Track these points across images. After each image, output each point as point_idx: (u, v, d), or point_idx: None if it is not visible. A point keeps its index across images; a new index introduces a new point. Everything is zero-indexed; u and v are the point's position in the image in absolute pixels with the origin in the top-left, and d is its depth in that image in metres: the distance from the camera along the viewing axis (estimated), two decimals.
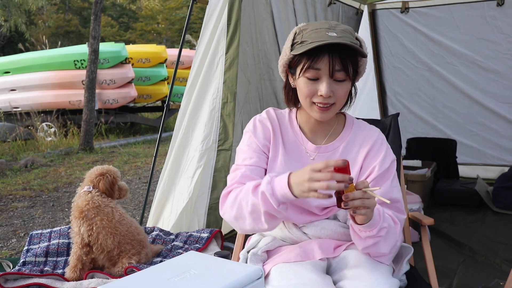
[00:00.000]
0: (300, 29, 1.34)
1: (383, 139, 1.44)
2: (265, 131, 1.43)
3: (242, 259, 1.45)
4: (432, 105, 4.55)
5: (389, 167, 1.38)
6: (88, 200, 1.88)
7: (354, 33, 1.33)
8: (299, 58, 1.31)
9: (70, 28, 21.04)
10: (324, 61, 1.26)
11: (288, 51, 1.35)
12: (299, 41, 1.31)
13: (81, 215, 1.86)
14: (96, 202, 1.89)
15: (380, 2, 4.39)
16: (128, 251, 1.89)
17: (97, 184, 1.93)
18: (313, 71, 1.28)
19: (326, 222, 1.41)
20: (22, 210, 4.16)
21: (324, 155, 1.41)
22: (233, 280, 0.90)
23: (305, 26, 1.34)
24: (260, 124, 1.44)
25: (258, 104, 3.02)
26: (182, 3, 20.96)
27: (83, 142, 7.26)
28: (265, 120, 1.45)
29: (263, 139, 1.42)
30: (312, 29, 1.30)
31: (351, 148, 1.41)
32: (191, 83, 2.62)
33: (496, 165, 4.38)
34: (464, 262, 2.75)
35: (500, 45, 4.12)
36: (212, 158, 2.54)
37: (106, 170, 1.98)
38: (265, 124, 1.44)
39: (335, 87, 1.29)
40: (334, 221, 1.41)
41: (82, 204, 1.88)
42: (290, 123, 1.47)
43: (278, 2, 3.12)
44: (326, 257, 1.36)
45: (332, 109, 1.33)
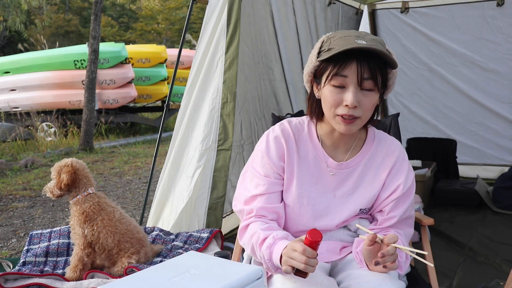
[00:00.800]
0: (328, 37, 1.28)
1: (404, 154, 1.40)
2: (279, 150, 1.36)
3: (246, 259, 1.46)
4: (432, 105, 4.55)
5: (411, 185, 1.36)
6: (93, 203, 1.89)
7: (384, 44, 1.27)
8: (326, 65, 1.25)
9: (70, 28, 21.04)
10: (352, 68, 1.20)
11: (314, 58, 1.28)
12: (326, 48, 1.25)
13: (87, 218, 1.87)
14: (101, 204, 1.91)
15: (380, 2, 4.39)
16: (127, 250, 1.90)
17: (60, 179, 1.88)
18: (340, 78, 1.22)
19: (335, 232, 1.40)
20: (22, 210, 4.16)
21: (345, 171, 1.36)
22: (233, 280, 0.90)
23: (333, 34, 1.28)
24: (274, 143, 1.36)
25: (257, 104, 3.02)
26: (182, 3, 20.96)
27: (83, 142, 7.26)
28: (279, 137, 1.36)
29: (277, 160, 1.35)
30: (341, 36, 1.24)
31: (372, 164, 1.37)
32: (191, 83, 2.62)
33: (496, 165, 4.38)
34: (464, 262, 2.75)
35: (500, 45, 4.12)
36: (212, 158, 2.54)
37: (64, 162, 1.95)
38: (279, 141, 1.36)
39: (362, 98, 1.23)
40: (343, 230, 1.41)
41: (88, 209, 1.88)
42: (310, 136, 1.39)
43: (278, 2, 3.12)
44: (331, 260, 1.36)
45: (357, 122, 1.26)
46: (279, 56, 3.24)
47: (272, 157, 1.35)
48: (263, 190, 1.34)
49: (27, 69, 9.06)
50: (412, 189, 1.36)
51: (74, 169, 1.90)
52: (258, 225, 1.31)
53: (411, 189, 1.36)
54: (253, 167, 1.38)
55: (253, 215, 1.34)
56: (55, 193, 1.90)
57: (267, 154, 1.35)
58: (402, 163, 1.37)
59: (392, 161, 1.37)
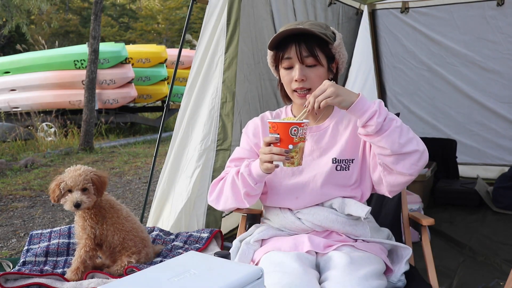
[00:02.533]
0: (278, 31, 1.50)
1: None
2: (255, 128, 1.62)
3: (234, 247, 1.51)
4: (432, 105, 4.55)
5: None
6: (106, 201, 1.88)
7: (325, 26, 1.49)
8: (276, 53, 1.51)
9: (70, 28, 21.04)
10: (293, 50, 1.44)
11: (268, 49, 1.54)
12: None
13: (99, 218, 1.85)
14: (111, 202, 1.90)
15: (380, 2, 4.39)
16: (129, 248, 1.89)
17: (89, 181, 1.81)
18: (286, 60, 1.47)
19: (320, 209, 1.47)
20: (22, 210, 4.16)
21: (315, 134, 1.53)
22: (233, 280, 0.90)
23: (283, 27, 1.50)
24: (251, 124, 1.65)
25: (257, 104, 3.02)
26: (182, 3, 20.95)
27: (83, 142, 7.26)
28: (257, 119, 1.65)
29: (252, 136, 1.61)
30: (285, 27, 1.47)
31: (339, 125, 1.54)
32: (191, 83, 2.62)
33: (496, 165, 4.38)
34: (464, 262, 2.75)
35: (500, 45, 4.12)
36: (211, 158, 2.54)
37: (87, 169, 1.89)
38: (255, 122, 1.64)
39: (307, 72, 1.46)
40: (328, 209, 1.47)
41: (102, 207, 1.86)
42: (286, 115, 1.63)
43: (278, 2, 3.12)
44: (314, 250, 1.40)
45: (309, 94, 1.43)
46: None
47: (248, 133, 1.63)
48: (238, 156, 1.60)
49: (27, 69, 9.06)
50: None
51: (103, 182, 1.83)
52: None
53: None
54: (237, 147, 1.65)
55: (228, 171, 1.56)
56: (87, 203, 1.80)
57: (245, 132, 1.64)
58: None
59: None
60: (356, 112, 1.32)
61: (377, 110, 1.31)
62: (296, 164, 1.31)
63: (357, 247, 1.42)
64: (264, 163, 1.33)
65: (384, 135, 1.31)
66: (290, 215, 1.49)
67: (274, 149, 1.29)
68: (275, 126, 1.30)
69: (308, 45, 1.43)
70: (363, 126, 1.33)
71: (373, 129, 1.31)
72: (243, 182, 1.42)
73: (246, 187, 1.43)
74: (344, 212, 1.45)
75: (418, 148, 1.35)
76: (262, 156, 1.33)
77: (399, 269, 1.43)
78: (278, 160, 1.30)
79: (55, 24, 12.88)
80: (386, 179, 1.41)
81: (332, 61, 1.51)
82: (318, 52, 1.44)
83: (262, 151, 1.33)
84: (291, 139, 1.29)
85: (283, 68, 1.49)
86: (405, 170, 1.35)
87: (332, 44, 1.47)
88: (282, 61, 1.48)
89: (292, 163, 1.30)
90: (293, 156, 1.29)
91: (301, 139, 1.30)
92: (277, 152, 1.29)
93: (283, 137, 1.29)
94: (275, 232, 1.51)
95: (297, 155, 1.30)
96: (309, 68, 1.45)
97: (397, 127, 1.33)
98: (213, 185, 1.58)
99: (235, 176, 1.47)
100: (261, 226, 1.56)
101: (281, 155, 1.28)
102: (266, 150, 1.31)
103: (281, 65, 1.50)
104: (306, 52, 1.43)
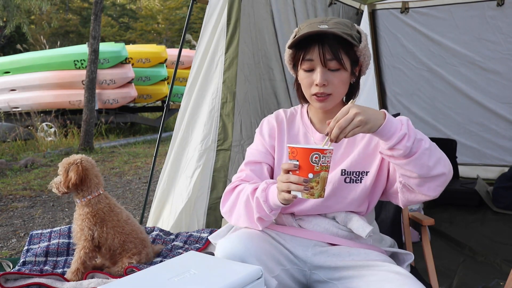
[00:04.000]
0: (299, 27, 1.40)
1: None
2: (270, 129, 1.51)
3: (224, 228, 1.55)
4: (432, 105, 4.55)
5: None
6: (105, 204, 1.87)
7: (351, 25, 1.37)
8: (296, 53, 1.40)
9: (70, 28, 21.04)
10: (315, 52, 1.32)
11: (287, 47, 1.42)
12: (295, 36, 1.38)
13: (98, 220, 1.84)
14: (110, 204, 1.88)
15: (380, 2, 4.39)
16: (130, 250, 1.89)
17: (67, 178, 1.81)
18: (307, 62, 1.35)
19: (322, 220, 1.42)
20: (22, 210, 4.16)
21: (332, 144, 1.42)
22: (233, 280, 0.90)
23: (303, 23, 1.40)
24: (266, 124, 1.53)
25: (257, 104, 3.02)
26: (182, 3, 20.96)
27: (83, 142, 7.26)
28: (272, 119, 1.53)
29: (268, 138, 1.50)
30: (307, 24, 1.36)
31: (356, 135, 1.38)
32: (191, 83, 2.62)
33: (496, 165, 4.38)
34: (464, 262, 2.75)
35: (500, 45, 4.12)
36: (211, 158, 2.54)
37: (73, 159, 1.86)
38: (271, 122, 1.52)
39: (330, 76, 1.34)
40: (330, 221, 1.42)
41: (101, 210, 1.85)
42: (301, 118, 1.52)
43: (278, 2, 3.12)
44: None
45: (330, 99, 1.37)
46: (279, 56, 3.24)
47: (263, 135, 1.51)
48: (254, 159, 1.48)
49: (27, 69, 9.06)
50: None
51: (84, 168, 1.81)
52: (245, 184, 1.42)
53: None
54: (250, 147, 1.54)
55: (242, 178, 1.46)
56: (61, 190, 1.84)
57: (260, 133, 1.53)
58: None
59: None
60: (383, 135, 1.18)
61: (406, 133, 1.18)
62: (316, 196, 1.15)
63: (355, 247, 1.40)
64: (281, 192, 1.20)
65: (411, 159, 1.19)
66: (291, 220, 1.44)
67: (292, 177, 1.16)
68: (295, 152, 1.17)
69: (333, 47, 1.31)
70: (390, 149, 1.20)
71: (400, 153, 1.19)
72: (258, 207, 1.30)
73: (260, 213, 1.31)
74: (346, 225, 1.40)
75: (445, 170, 1.26)
76: (279, 184, 1.20)
77: None
78: (296, 189, 1.15)
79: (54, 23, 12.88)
80: (405, 196, 1.33)
81: (356, 65, 1.40)
82: (342, 55, 1.32)
83: (280, 179, 1.20)
84: (311, 167, 1.14)
85: (303, 70, 1.37)
86: (430, 193, 1.27)
87: (358, 46, 1.35)
88: (302, 62, 1.36)
89: (312, 194, 1.15)
90: (313, 186, 1.14)
91: (323, 168, 1.15)
92: (295, 181, 1.15)
93: (302, 165, 1.15)
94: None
95: (318, 186, 1.15)
96: (331, 72, 1.33)
97: (426, 149, 1.20)
98: (226, 195, 1.46)
99: (250, 197, 1.34)
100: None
101: (299, 184, 1.14)
102: (283, 178, 1.18)
103: (301, 66, 1.37)
104: (330, 55, 1.31)
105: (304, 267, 1.36)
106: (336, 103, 1.41)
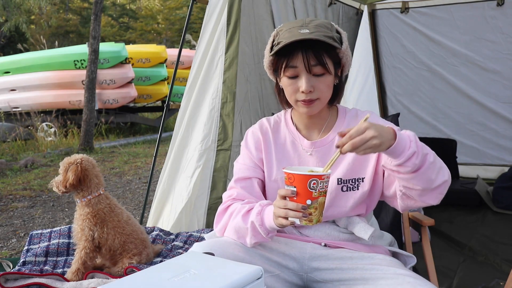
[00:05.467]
0: (277, 31, 1.36)
1: (377, 118, 1.46)
2: (256, 141, 1.47)
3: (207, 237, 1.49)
4: (432, 105, 4.55)
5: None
6: (106, 204, 1.86)
7: (331, 26, 1.34)
8: (277, 59, 1.36)
9: (70, 28, 21.04)
10: (299, 58, 1.29)
11: (267, 53, 1.39)
12: (276, 42, 1.34)
13: (98, 221, 1.83)
14: (111, 205, 1.88)
15: (380, 2, 4.39)
16: (130, 251, 1.89)
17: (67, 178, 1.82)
18: (291, 69, 1.32)
19: (322, 224, 1.40)
20: (22, 210, 4.16)
21: (320, 149, 1.41)
22: (233, 280, 0.90)
23: (281, 27, 1.36)
24: (251, 136, 1.49)
25: (257, 104, 3.02)
26: (182, 3, 20.96)
27: (83, 142, 7.26)
28: (256, 130, 1.49)
29: (254, 151, 1.46)
30: (286, 29, 1.33)
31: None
32: (191, 83, 2.62)
33: (496, 165, 4.38)
34: (464, 262, 2.75)
35: (500, 45, 4.12)
36: (212, 158, 2.54)
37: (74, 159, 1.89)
38: (256, 134, 1.48)
39: (315, 82, 1.31)
40: (330, 225, 1.41)
41: (101, 211, 1.84)
42: (286, 124, 1.49)
43: (278, 2, 3.11)
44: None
45: (316, 103, 1.35)
46: None
47: (249, 148, 1.47)
48: (243, 175, 1.44)
49: (27, 69, 9.06)
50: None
51: (83, 168, 1.82)
52: (238, 203, 1.37)
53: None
54: (237, 163, 1.49)
55: (234, 197, 1.41)
56: (61, 189, 1.84)
57: (246, 147, 1.48)
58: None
59: None
60: (392, 154, 1.16)
61: (415, 151, 1.16)
62: (314, 221, 1.15)
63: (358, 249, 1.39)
64: (278, 217, 1.18)
65: (417, 174, 1.19)
66: (290, 228, 1.43)
67: (289, 203, 1.14)
68: (292, 178, 1.14)
69: (317, 53, 1.28)
70: (398, 165, 1.18)
71: (408, 170, 1.17)
72: (254, 231, 1.28)
73: (256, 237, 1.28)
74: (347, 228, 1.40)
75: (446, 178, 1.25)
76: (276, 210, 1.18)
77: None
78: (294, 216, 1.14)
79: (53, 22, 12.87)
80: (405, 202, 1.32)
81: (339, 66, 1.38)
82: (326, 59, 1.30)
83: (277, 205, 1.18)
84: (309, 194, 1.12)
85: (287, 77, 1.34)
86: (431, 201, 1.28)
87: (340, 49, 1.33)
88: (286, 69, 1.32)
89: (310, 220, 1.14)
90: (311, 212, 1.14)
91: (321, 194, 1.14)
92: (293, 208, 1.13)
93: (300, 191, 1.13)
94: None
95: (316, 212, 1.14)
96: (316, 78, 1.31)
97: (431, 163, 1.20)
98: (218, 217, 1.42)
99: (242, 221, 1.29)
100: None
101: (298, 211, 1.13)
102: (280, 204, 1.16)
103: (284, 73, 1.34)
104: (314, 61, 1.29)
105: (300, 271, 1.35)
106: (322, 107, 1.40)
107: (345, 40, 1.35)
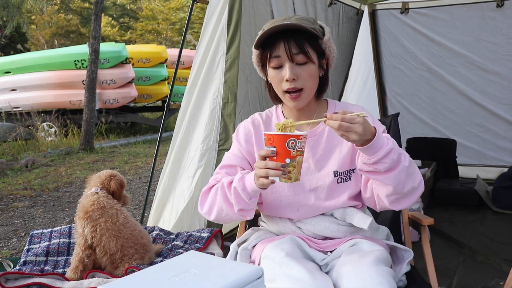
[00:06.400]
0: (263, 28, 1.42)
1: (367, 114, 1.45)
2: (247, 134, 1.51)
3: (232, 251, 1.49)
4: (431, 106, 4.55)
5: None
6: (94, 200, 1.86)
7: (313, 20, 1.40)
8: (262, 52, 1.43)
9: (70, 28, 21.04)
10: (281, 48, 1.35)
11: (253, 48, 1.46)
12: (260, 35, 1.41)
13: (86, 215, 1.84)
14: (102, 203, 1.87)
15: (380, 3, 4.39)
16: (132, 256, 1.88)
17: (107, 184, 1.90)
18: (275, 59, 1.38)
19: (321, 219, 1.44)
20: (23, 210, 4.16)
21: (311, 139, 1.45)
22: (233, 279, 0.91)
23: (267, 24, 1.42)
24: (243, 129, 1.53)
25: (258, 104, 3.03)
26: (183, 3, 20.96)
27: (84, 142, 7.27)
28: (248, 123, 1.54)
29: (244, 143, 1.50)
30: (271, 23, 1.39)
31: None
32: (192, 83, 2.62)
33: (496, 166, 4.38)
34: (464, 262, 2.76)
35: (499, 46, 4.12)
36: (213, 158, 2.55)
37: (116, 173, 1.98)
38: (247, 127, 1.53)
39: (299, 71, 1.36)
40: (329, 218, 1.44)
41: (88, 205, 1.85)
42: (277, 117, 1.54)
43: (278, 2, 3.12)
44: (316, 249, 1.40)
45: (302, 96, 1.39)
46: None
47: (240, 140, 1.51)
48: (229, 163, 1.49)
49: (28, 69, 9.07)
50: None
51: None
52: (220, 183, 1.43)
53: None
54: (227, 152, 1.54)
55: (218, 179, 1.46)
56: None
57: (237, 139, 1.52)
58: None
59: None
60: (370, 150, 1.21)
61: (392, 148, 1.21)
62: (293, 179, 1.21)
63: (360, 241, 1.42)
64: (259, 178, 1.23)
65: (392, 173, 1.24)
66: (290, 225, 1.45)
67: (269, 163, 1.19)
68: (271, 139, 1.20)
69: (298, 41, 1.34)
70: (374, 163, 1.22)
71: (386, 167, 1.22)
72: (237, 197, 1.33)
73: (240, 203, 1.33)
74: (345, 220, 1.43)
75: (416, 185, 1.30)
76: (257, 171, 1.23)
77: (400, 269, 1.42)
78: (274, 175, 1.19)
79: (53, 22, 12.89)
80: (381, 205, 1.39)
81: (323, 57, 1.43)
82: (308, 48, 1.35)
83: (257, 165, 1.23)
84: (288, 153, 1.18)
85: (272, 68, 1.40)
86: (404, 207, 1.36)
87: (322, 39, 1.39)
88: (270, 60, 1.39)
89: (289, 178, 1.20)
90: (290, 171, 1.19)
91: (299, 153, 1.20)
92: (273, 167, 1.19)
93: (279, 151, 1.19)
94: (272, 235, 1.49)
95: (294, 170, 1.20)
96: (299, 66, 1.36)
97: (406, 166, 1.25)
98: (203, 195, 1.47)
99: (227, 190, 1.36)
100: (258, 231, 1.53)
101: (278, 170, 1.18)
102: (261, 165, 1.21)
103: (269, 65, 1.40)
104: (296, 49, 1.34)
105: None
106: (309, 99, 1.44)
107: (328, 33, 1.42)
